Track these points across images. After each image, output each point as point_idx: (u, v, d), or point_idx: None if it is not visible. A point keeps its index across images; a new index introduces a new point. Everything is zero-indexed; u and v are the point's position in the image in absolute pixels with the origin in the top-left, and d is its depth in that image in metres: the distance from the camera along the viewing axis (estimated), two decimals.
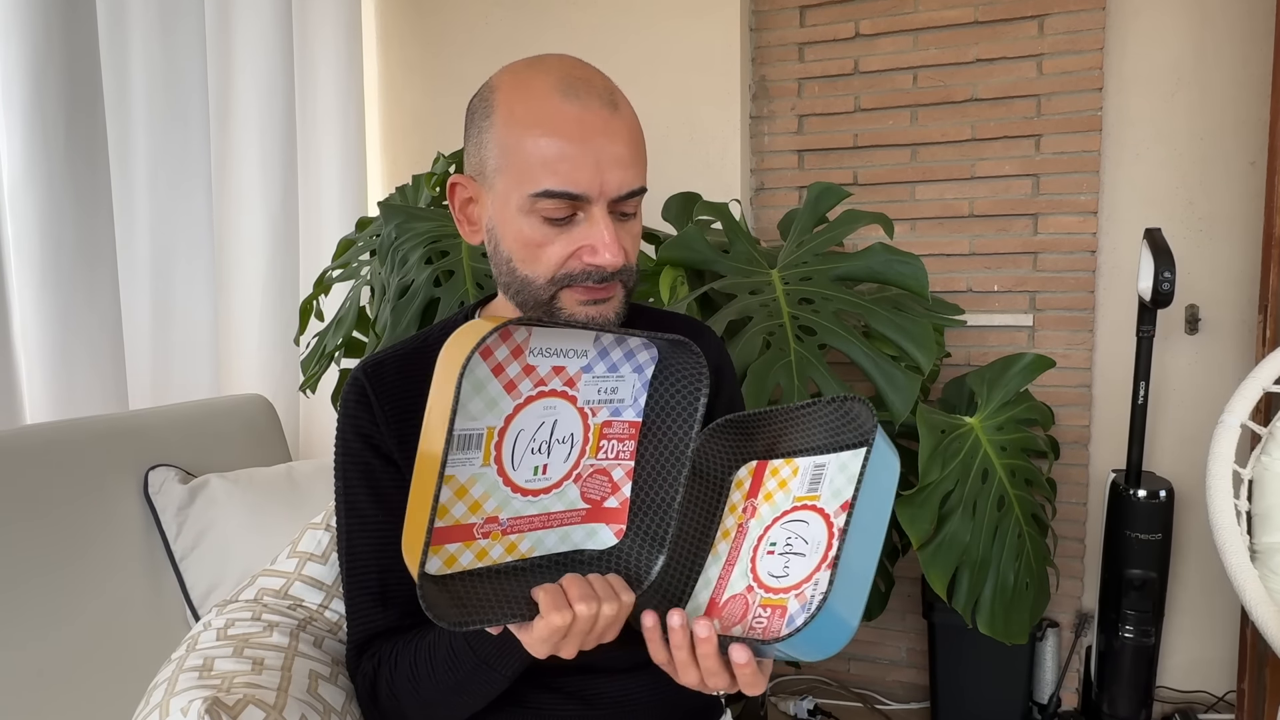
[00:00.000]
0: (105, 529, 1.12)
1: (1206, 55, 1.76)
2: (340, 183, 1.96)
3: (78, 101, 1.39)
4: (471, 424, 0.59)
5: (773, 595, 0.60)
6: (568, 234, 0.66)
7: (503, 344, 0.59)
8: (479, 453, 0.59)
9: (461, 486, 0.59)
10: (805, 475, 0.65)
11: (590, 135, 0.64)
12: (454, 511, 0.59)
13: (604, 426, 0.64)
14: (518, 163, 0.65)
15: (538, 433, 0.61)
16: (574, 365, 0.62)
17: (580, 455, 0.63)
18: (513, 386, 0.60)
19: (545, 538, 0.63)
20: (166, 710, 0.67)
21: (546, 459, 0.62)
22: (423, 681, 0.68)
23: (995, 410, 1.55)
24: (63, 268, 1.39)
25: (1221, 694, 1.84)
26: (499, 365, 0.60)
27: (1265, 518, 1.24)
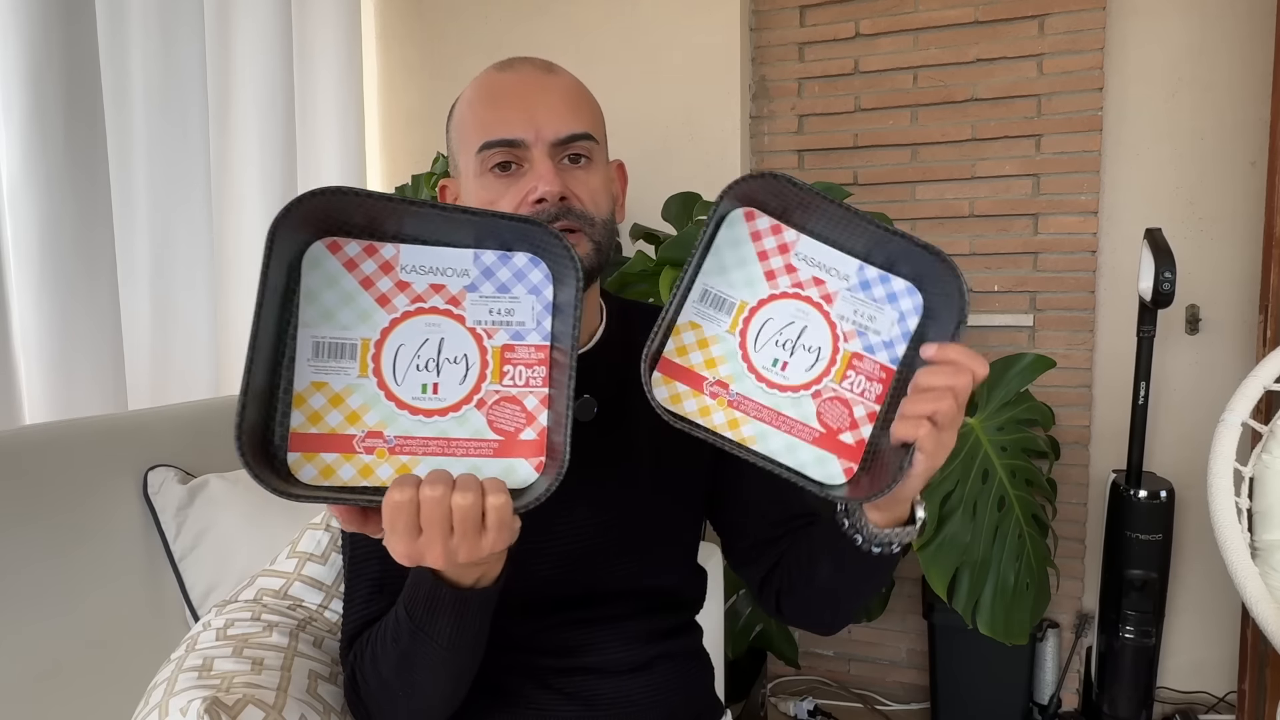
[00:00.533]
0: (104, 529, 1.12)
1: (1207, 55, 1.76)
2: (339, 182, 1.96)
3: (77, 102, 1.39)
4: (343, 333, 0.59)
5: (834, 365, 0.65)
6: (516, 184, 0.70)
7: (369, 258, 0.59)
8: (354, 362, 0.59)
9: (336, 395, 0.58)
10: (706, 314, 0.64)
11: (523, 90, 0.71)
12: (328, 419, 0.58)
13: (504, 350, 0.61)
14: (467, 134, 0.72)
15: (422, 349, 0.60)
16: (455, 284, 0.61)
17: (480, 379, 0.61)
18: (386, 300, 0.60)
19: (450, 466, 0.59)
20: (166, 710, 0.67)
21: (436, 378, 0.60)
22: (380, 659, 0.66)
23: (996, 411, 1.55)
24: (62, 268, 1.38)
25: (1222, 694, 1.84)
26: (368, 279, 0.59)
27: (1266, 515, 1.24)
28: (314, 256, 0.58)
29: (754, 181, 0.61)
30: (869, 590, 0.74)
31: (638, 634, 0.77)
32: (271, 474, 0.55)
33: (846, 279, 0.65)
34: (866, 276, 0.66)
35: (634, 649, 0.77)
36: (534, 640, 0.75)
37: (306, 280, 0.58)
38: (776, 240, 0.64)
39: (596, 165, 0.73)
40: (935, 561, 1.41)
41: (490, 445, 0.60)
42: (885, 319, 0.65)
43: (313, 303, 0.58)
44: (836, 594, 0.75)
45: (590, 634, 0.76)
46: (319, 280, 0.59)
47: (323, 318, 0.58)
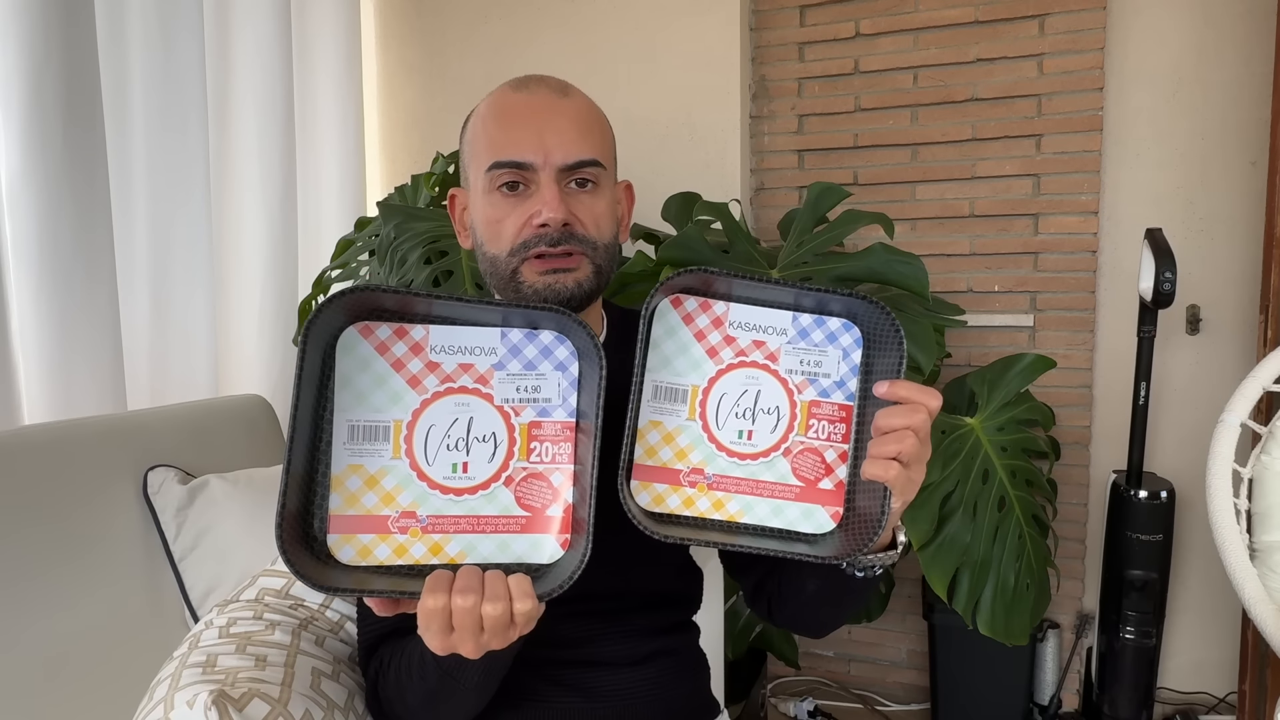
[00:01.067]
0: (104, 530, 1.12)
1: (1207, 55, 1.76)
2: (339, 183, 1.96)
3: (76, 103, 1.39)
4: (376, 416, 0.60)
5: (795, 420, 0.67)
6: (521, 205, 0.71)
7: (399, 340, 0.61)
8: (387, 445, 0.61)
9: (371, 477, 0.60)
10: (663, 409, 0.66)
11: (536, 112, 0.71)
12: (364, 501, 0.60)
13: (531, 427, 0.63)
14: (478, 150, 0.73)
15: (452, 428, 0.61)
16: (483, 362, 0.62)
17: (508, 457, 0.62)
18: (417, 381, 0.61)
19: (479, 544, 0.61)
20: (171, 704, 0.67)
21: (466, 457, 0.61)
22: (405, 689, 0.69)
23: (996, 411, 1.54)
24: (61, 269, 1.38)
25: (1222, 695, 1.84)
26: (399, 360, 0.61)
27: (1265, 516, 1.24)
28: (348, 342, 0.60)
29: (675, 280, 0.63)
30: (857, 604, 0.76)
31: (637, 630, 0.78)
32: (310, 558, 0.58)
33: (784, 333, 0.67)
34: (802, 325, 0.67)
35: (633, 644, 0.78)
36: (536, 633, 0.75)
37: (341, 365, 0.60)
38: (709, 317, 0.66)
39: (602, 189, 0.74)
40: (935, 562, 1.40)
41: (518, 521, 0.62)
42: (831, 360, 0.67)
43: (347, 387, 0.60)
44: (824, 607, 0.78)
45: (591, 628, 0.77)
46: (352, 365, 0.60)
47: (356, 401, 0.61)
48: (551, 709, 0.75)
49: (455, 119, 2.17)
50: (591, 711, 0.76)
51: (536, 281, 0.71)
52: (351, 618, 0.89)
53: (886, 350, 0.66)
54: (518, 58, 2.12)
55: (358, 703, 0.79)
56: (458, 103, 2.18)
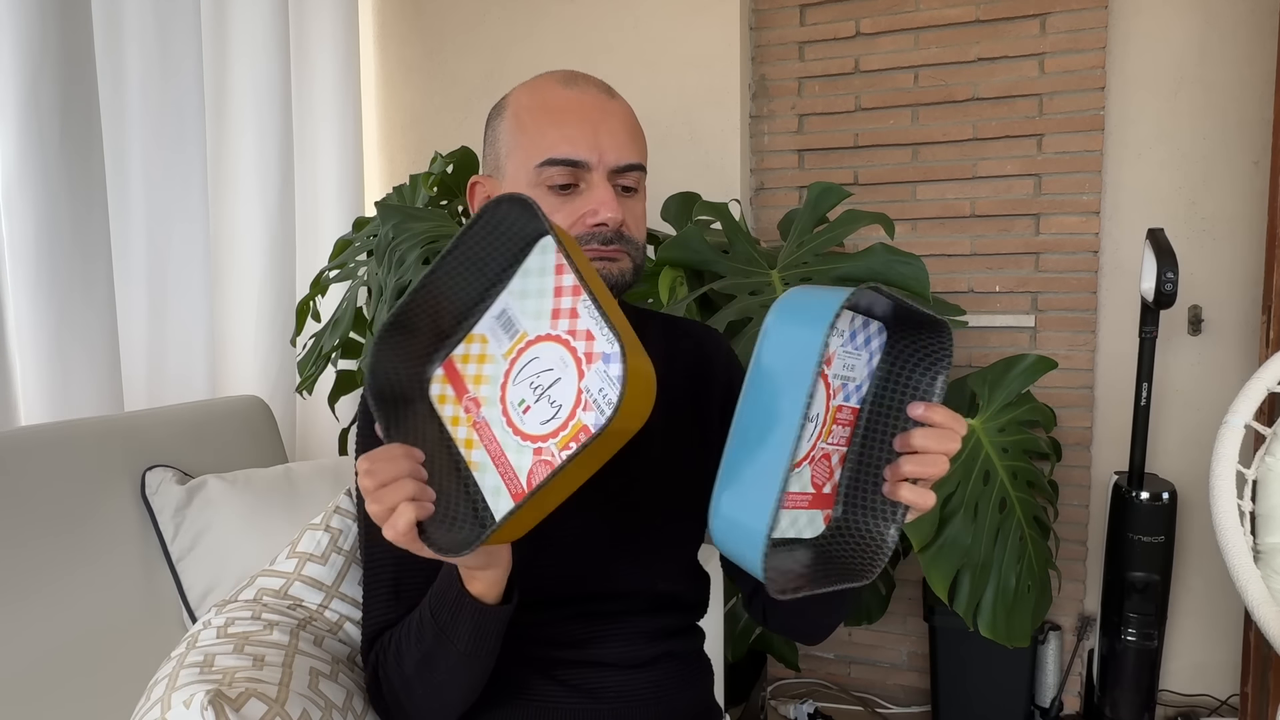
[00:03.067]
0: (101, 530, 1.12)
1: (1209, 54, 1.75)
2: (337, 182, 1.96)
3: (73, 101, 1.38)
4: (520, 317, 0.63)
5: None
6: (571, 203, 0.71)
7: (570, 272, 0.61)
8: (509, 343, 0.63)
9: (483, 354, 0.64)
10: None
11: (589, 112, 0.72)
12: (468, 368, 0.64)
13: (581, 430, 0.61)
14: (525, 142, 0.72)
15: (543, 374, 0.61)
16: (600, 345, 0.60)
17: (551, 435, 0.61)
18: (558, 315, 0.61)
19: (488, 472, 0.62)
20: (168, 704, 0.66)
21: (533, 402, 0.61)
22: (404, 655, 0.69)
23: (997, 412, 1.54)
24: (58, 268, 1.38)
25: (1225, 697, 1.83)
26: (560, 288, 0.62)
27: (1269, 518, 1.23)
28: (545, 244, 0.62)
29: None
30: (846, 608, 0.79)
31: (643, 632, 0.79)
32: (408, 358, 0.63)
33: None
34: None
35: (638, 646, 0.78)
36: (541, 632, 0.76)
37: (532, 259, 0.63)
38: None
39: (641, 193, 0.76)
40: (936, 564, 1.40)
41: (519, 486, 0.62)
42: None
43: (524, 278, 0.63)
44: (811, 614, 0.79)
45: (596, 629, 0.77)
46: (538, 265, 0.63)
47: (521, 295, 0.63)
48: (554, 708, 0.75)
49: (454, 119, 2.17)
50: (595, 712, 0.76)
51: None
52: (350, 618, 0.89)
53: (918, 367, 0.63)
54: (516, 57, 2.11)
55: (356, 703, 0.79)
56: (456, 102, 2.17)
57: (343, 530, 0.96)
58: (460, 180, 1.79)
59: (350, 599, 0.90)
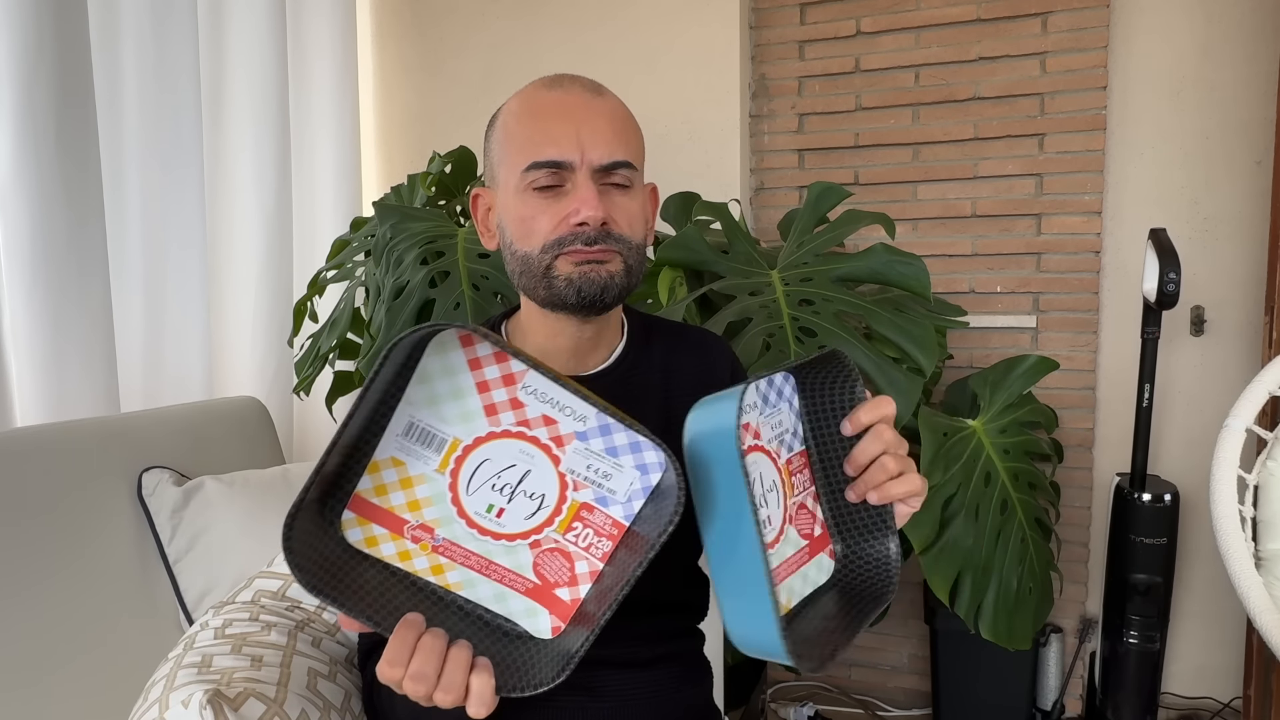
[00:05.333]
0: (98, 532, 1.11)
1: (1212, 53, 1.74)
2: (335, 182, 1.95)
3: (69, 101, 1.38)
4: (440, 426, 0.58)
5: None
6: (556, 204, 0.70)
7: (495, 364, 0.58)
8: (437, 456, 0.58)
9: (408, 478, 0.58)
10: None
11: (571, 112, 0.71)
12: (392, 498, 0.58)
13: (583, 508, 0.59)
14: (512, 148, 0.72)
15: (505, 471, 0.59)
16: (567, 425, 0.59)
17: (546, 523, 0.59)
18: (494, 411, 0.58)
19: (479, 584, 0.59)
20: (166, 704, 0.66)
21: (506, 503, 0.59)
22: (396, 702, 0.68)
23: (998, 413, 1.53)
24: (53, 269, 1.38)
25: (1227, 700, 1.82)
26: (485, 383, 0.58)
27: (1270, 524, 1.22)
28: (443, 341, 0.57)
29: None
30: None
31: (644, 632, 0.78)
32: (317, 521, 0.56)
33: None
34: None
35: (639, 646, 0.78)
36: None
37: (426, 361, 0.57)
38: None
39: (635, 190, 0.74)
40: (937, 566, 1.39)
41: (526, 583, 0.59)
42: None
43: (424, 384, 0.58)
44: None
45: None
46: (438, 367, 0.58)
47: (427, 402, 0.58)
48: (552, 705, 0.75)
49: (452, 118, 2.16)
50: (594, 710, 0.76)
51: (571, 272, 0.70)
52: None
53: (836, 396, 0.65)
54: (515, 57, 2.11)
55: (354, 703, 0.79)
56: (455, 102, 2.17)
57: None
58: (459, 180, 1.78)
59: None
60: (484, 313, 1.31)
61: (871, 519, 0.65)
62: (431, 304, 1.33)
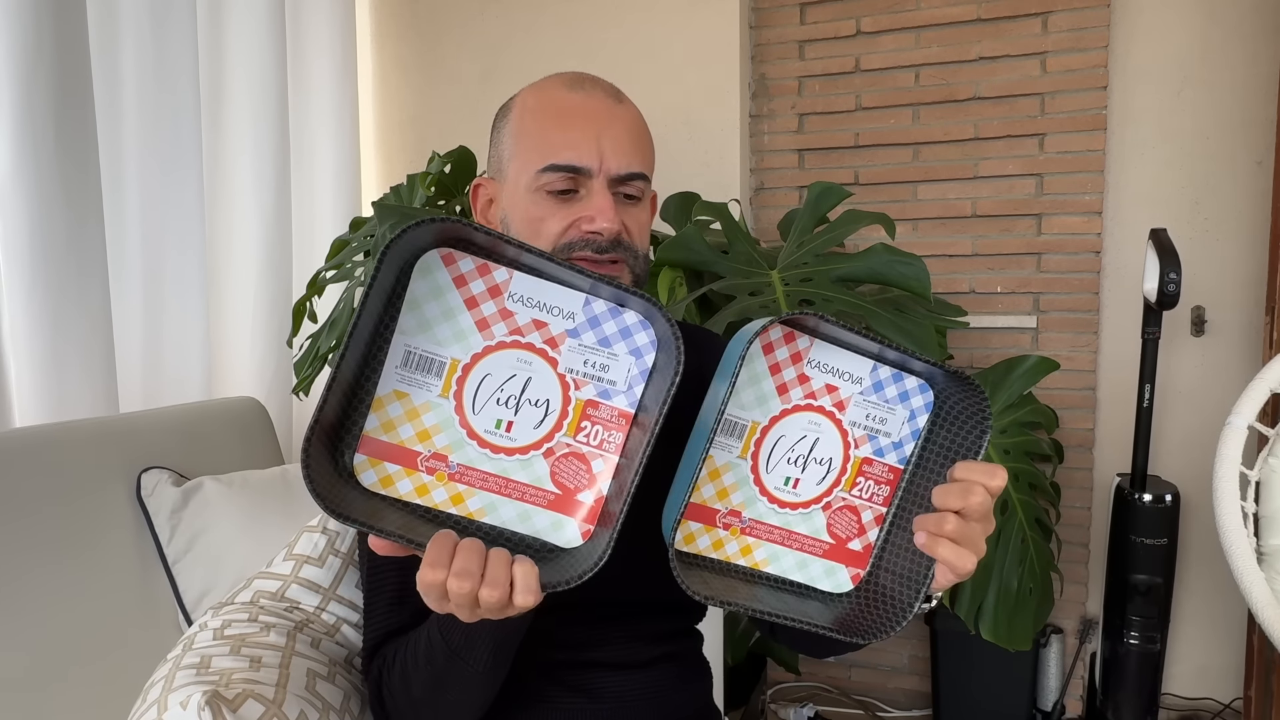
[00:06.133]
0: (97, 533, 1.11)
1: (1213, 53, 1.74)
2: (334, 182, 1.95)
3: (67, 101, 1.38)
4: (435, 349, 0.58)
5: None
6: (568, 208, 0.70)
7: (480, 278, 0.58)
8: (439, 381, 0.58)
9: (414, 409, 0.58)
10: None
11: (593, 117, 0.70)
12: (400, 431, 0.57)
13: (587, 405, 0.60)
14: (527, 145, 0.71)
15: (507, 383, 0.58)
16: (558, 325, 0.59)
17: (555, 428, 0.59)
18: (486, 325, 0.58)
19: (501, 506, 0.59)
20: (165, 706, 0.66)
21: (513, 416, 0.59)
22: (411, 678, 0.68)
23: (998, 414, 1.53)
24: (52, 269, 1.37)
25: (1228, 701, 1.82)
26: (473, 298, 0.58)
27: (1272, 519, 1.22)
28: (426, 264, 0.57)
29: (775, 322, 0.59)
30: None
31: (643, 634, 0.78)
32: (330, 472, 0.55)
33: (859, 381, 0.62)
34: (879, 377, 0.63)
35: (637, 648, 0.78)
36: (540, 635, 0.76)
37: (414, 287, 0.57)
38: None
39: (644, 202, 0.75)
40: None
41: (546, 496, 0.59)
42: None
43: (414, 311, 0.57)
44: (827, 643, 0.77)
45: (596, 632, 0.77)
46: (426, 289, 0.57)
47: (420, 328, 0.57)
48: (552, 707, 0.75)
49: (451, 118, 2.16)
50: (593, 712, 0.76)
51: None
52: (348, 621, 0.88)
53: (965, 426, 0.62)
54: (514, 56, 2.11)
55: (353, 704, 0.79)
56: (454, 101, 2.16)
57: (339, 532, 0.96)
58: (458, 180, 1.78)
59: (347, 601, 0.89)
60: None
61: (912, 569, 0.63)
62: None
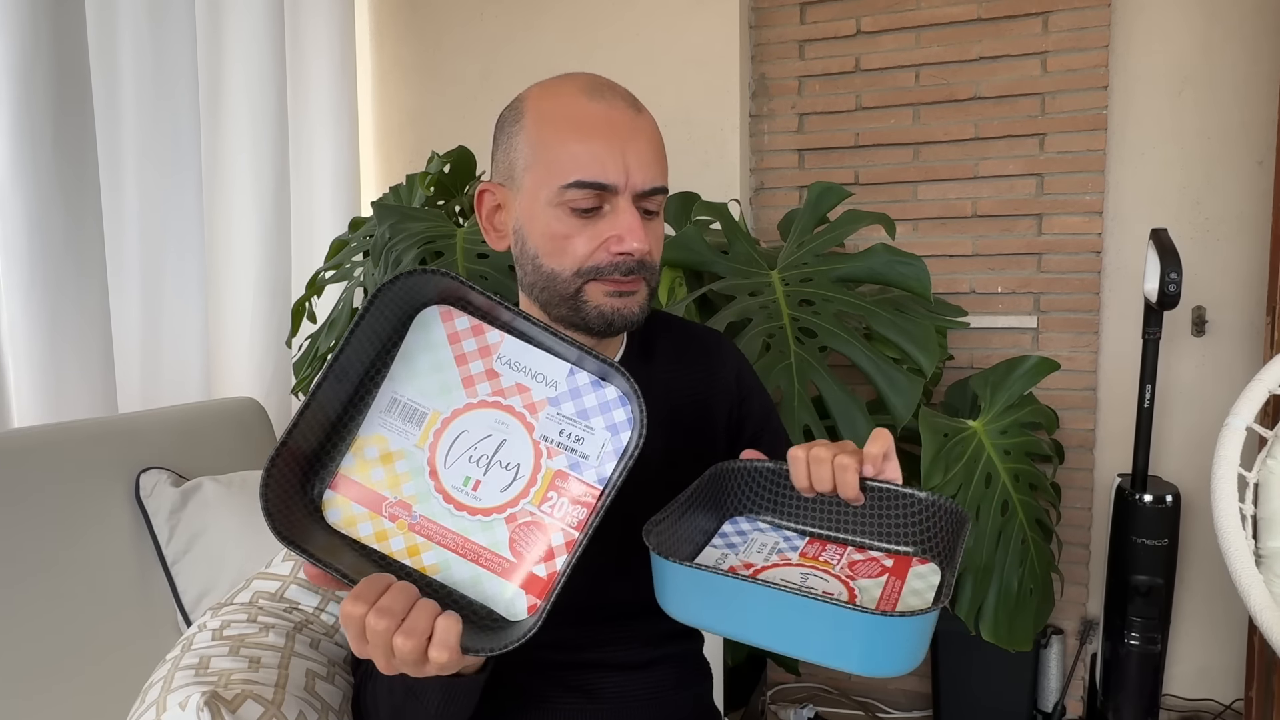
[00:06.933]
0: (95, 533, 1.11)
1: (1213, 53, 1.74)
2: (333, 182, 1.95)
3: (66, 101, 1.38)
4: (421, 399, 0.59)
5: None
6: (594, 226, 0.68)
7: (473, 337, 0.60)
8: (418, 430, 0.59)
9: (389, 453, 0.59)
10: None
11: (617, 130, 0.68)
12: (373, 474, 0.58)
13: (557, 475, 0.59)
14: (547, 157, 0.68)
15: (481, 442, 0.59)
16: (540, 392, 0.60)
17: (521, 494, 0.59)
18: (471, 383, 0.59)
19: (455, 565, 0.58)
20: (164, 707, 0.66)
21: (482, 475, 0.59)
22: (379, 701, 0.68)
23: (999, 414, 1.53)
24: (51, 269, 1.37)
25: (1229, 702, 1.82)
26: (464, 355, 0.60)
27: (1271, 522, 1.21)
28: (425, 319, 0.59)
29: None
30: None
31: (641, 635, 0.78)
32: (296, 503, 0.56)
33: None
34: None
35: (636, 649, 0.78)
36: (539, 636, 0.75)
37: (411, 338, 0.59)
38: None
39: (661, 215, 0.74)
40: None
41: (502, 563, 0.58)
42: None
43: (407, 361, 0.59)
44: None
45: (595, 633, 0.77)
46: (420, 343, 0.59)
47: (410, 378, 0.59)
48: (551, 708, 0.75)
49: (451, 118, 2.16)
50: (593, 713, 0.76)
51: (603, 304, 0.70)
52: None
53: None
54: (513, 55, 2.10)
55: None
56: (453, 101, 2.16)
57: None
58: (457, 180, 1.78)
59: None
60: None
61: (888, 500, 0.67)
62: None
